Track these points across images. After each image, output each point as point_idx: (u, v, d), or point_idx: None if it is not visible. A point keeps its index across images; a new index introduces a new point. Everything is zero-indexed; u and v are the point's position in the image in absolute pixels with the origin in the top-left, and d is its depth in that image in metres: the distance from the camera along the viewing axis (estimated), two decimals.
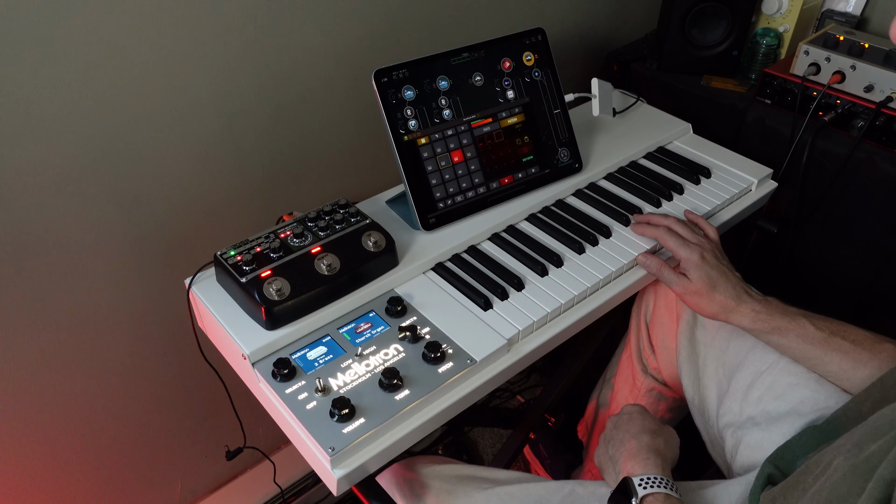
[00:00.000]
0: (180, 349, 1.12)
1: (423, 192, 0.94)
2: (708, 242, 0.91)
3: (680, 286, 0.88)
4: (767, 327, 0.83)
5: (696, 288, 0.86)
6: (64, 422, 1.05)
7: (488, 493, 0.84)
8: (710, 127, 1.26)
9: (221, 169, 1.01)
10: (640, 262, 0.93)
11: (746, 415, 0.87)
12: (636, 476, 0.72)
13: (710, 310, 0.86)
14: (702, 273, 0.86)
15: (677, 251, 0.89)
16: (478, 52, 0.97)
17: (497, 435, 1.62)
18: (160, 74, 0.88)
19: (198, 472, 1.32)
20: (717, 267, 0.87)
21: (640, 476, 0.72)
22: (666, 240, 0.91)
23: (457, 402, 0.77)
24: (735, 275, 0.88)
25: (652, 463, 0.74)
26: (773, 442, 0.81)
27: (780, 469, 0.72)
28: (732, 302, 0.84)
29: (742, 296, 0.85)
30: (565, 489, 0.83)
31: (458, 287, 0.89)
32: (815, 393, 0.82)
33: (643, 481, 0.71)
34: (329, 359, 0.78)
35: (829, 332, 0.81)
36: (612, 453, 0.79)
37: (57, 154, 0.84)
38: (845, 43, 1.21)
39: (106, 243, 0.95)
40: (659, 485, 0.70)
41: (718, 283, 0.85)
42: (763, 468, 0.74)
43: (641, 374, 1.12)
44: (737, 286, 0.86)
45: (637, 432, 0.78)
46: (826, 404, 0.80)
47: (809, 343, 0.81)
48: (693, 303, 0.87)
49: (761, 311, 0.83)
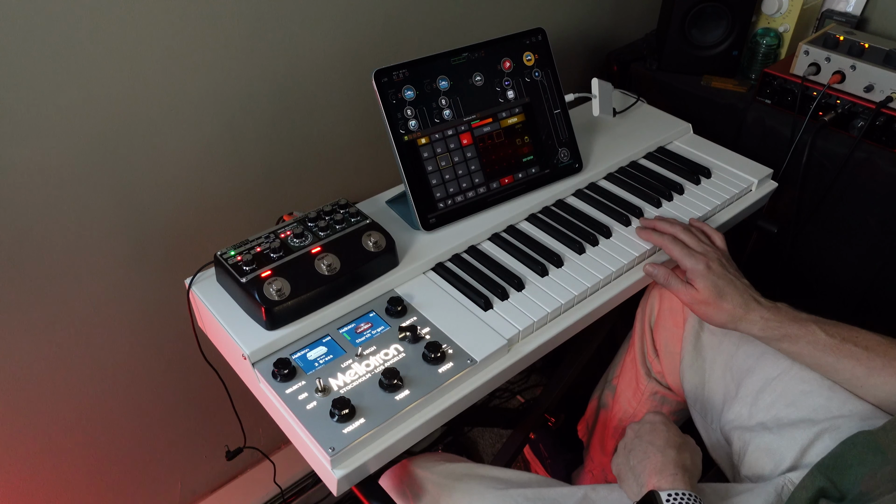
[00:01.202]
0: (180, 349, 1.12)
1: (423, 192, 0.94)
2: (714, 251, 0.90)
3: (688, 296, 0.87)
4: (777, 335, 0.82)
5: (704, 297, 0.85)
6: (64, 422, 1.05)
7: (502, 494, 0.83)
8: (710, 127, 1.26)
9: (221, 169, 1.01)
10: (647, 272, 0.93)
11: (756, 420, 0.86)
12: (664, 491, 0.71)
13: (718, 319, 0.85)
14: (708, 283, 0.85)
15: (683, 261, 0.88)
16: (478, 52, 0.97)
17: (497, 435, 1.62)
18: (160, 74, 0.88)
19: (198, 472, 1.32)
20: (724, 276, 0.86)
21: (669, 491, 0.71)
22: (671, 249, 0.90)
23: (457, 402, 0.77)
24: (743, 282, 0.87)
25: (680, 479, 0.73)
26: (784, 448, 0.81)
27: (832, 481, 0.70)
28: (741, 310, 0.84)
29: (750, 304, 0.84)
30: (578, 494, 0.82)
31: (458, 287, 0.88)
32: (829, 401, 0.81)
33: (670, 496, 0.70)
34: (329, 359, 0.78)
35: (841, 338, 0.80)
36: (634, 465, 0.78)
37: (57, 154, 0.84)
38: (845, 43, 1.21)
39: (106, 243, 0.95)
40: (687, 500, 0.70)
41: (726, 292, 0.84)
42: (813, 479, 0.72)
43: (645, 377, 1.12)
44: (744, 294, 0.85)
45: (662, 446, 0.77)
46: (840, 412, 0.79)
47: (821, 350, 0.80)
48: (701, 312, 0.87)
49: (771, 319, 0.83)
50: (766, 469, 0.83)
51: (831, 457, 0.73)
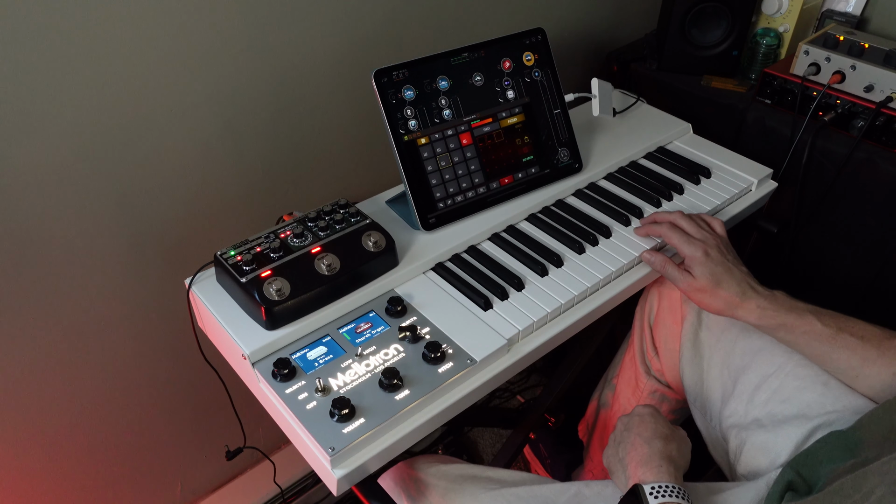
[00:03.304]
0: (180, 349, 1.12)
1: (423, 192, 0.94)
2: (713, 238, 0.89)
3: (684, 283, 0.87)
4: (773, 323, 0.82)
5: (701, 285, 0.85)
6: (64, 422, 1.05)
7: (494, 494, 0.84)
8: (710, 127, 1.26)
9: (221, 169, 1.01)
10: (644, 258, 0.93)
11: (752, 417, 0.87)
12: (647, 483, 0.70)
13: (715, 306, 0.85)
14: (705, 270, 0.85)
15: (681, 248, 0.88)
16: (478, 52, 0.97)
17: (497, 435, 1.62)
18: (160, 74, 0.88)
19: (198, 472, 1.32)
20: (722, 263, 0.86)
21: (652, 484, 0.70)
22: (670, 237, 0.90)
23: (457, 402, 0.77)
24: (741, 269, 0.86)
25: (664, 471, 0.72)
26: (779, 445, 0.81)
27: (802, 476, 0.70)
28: (737, 298, 0.84)
29: (747, 291, 0.84)
30: (571, 490, 0.82)
31: (458, 287, 0.88)
32: (822, 396, 0.81)
33: (654, 489, 0.69)
34: (329, 359, 0.78)
35: (837, 328, 0.80)
36: (623, 456, 0.78)
37: (57, 154, 0.84)
38: (845, 43, 1.21)
39: (106, 243, 0.95)
40: (671, 493, 0.69)
41: (723, 280, 0.84)
42: (783, 474, 0.72)
43: (644, 375, 1.12)
44: (742, 282, 0.84)
45: (649, 437, 0.77)
46: (833, 408, 0.80)
47: (816, 339, 0.80)
48: (698, 299, 0.87)
49: (767, 308, 0.82)
50: (762, 466, 0.83)
51: (804, 454, 0.73)
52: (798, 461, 0.73)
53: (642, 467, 0.73)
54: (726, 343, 0.94)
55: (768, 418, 0.84)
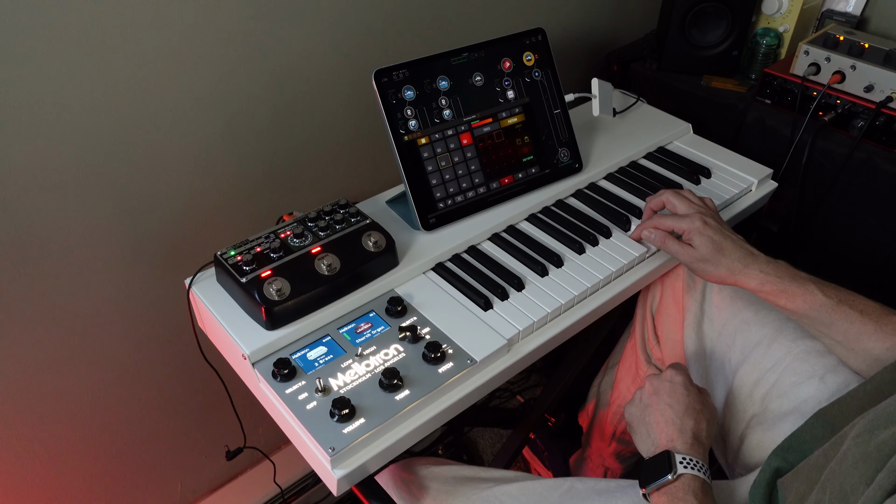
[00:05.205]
0: (180, 349, 1.12)
1: (423, 192, 0.94)
2: (706, 208, 0.89)
3: (686, 255, 0.86)
4: (775, 290, 0.82)
5: (702, 254, 0.84)
6: (64, 421, 1.05)
7: (487, 494, 0.84)
8: (710, 127, 1.26)
9: (221, 169, 1.01)
10: (644, 236, 0.92)
11: (750, 413, 0.87)
12: (679, 453, 0.72)
13: (717, 274, 0.84)
14: (705, 239, 0.84)
15: (678, 225, 0.87)
16: (478, 52, 0.97)
17: (497, 435, 1.62)
18: (160, 74, 0.88)
19: (198, 472, 1.32)
20: (720, 231, 0.85)
21: (683, 455, 0.72)
22: (665, 224, 0.90)
23: (457, 402, 0.77)
24: (739, 237, 0.86)
25: (696, 451, 0.73)
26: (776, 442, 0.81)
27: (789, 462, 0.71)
28: (739, 264, 0.83)
29: (748, 258, 0.83)
30: (564, 486, 0.83)
31: (458, 287, 0.88)
32: (819, 392, 0.82)
33: (685, 460, 0.71)
34: (329, 359, 0.78)
35: (838, 300, 0.79)
36: (650, 423, 0.78)
37: (57, 154, 0.84)
38: (845, 43, 1.21)
39: (106, 243, 0.95)
40: (699, 469, 0.71)
41: (724, 247, 0.84)
42: (770, 461, 0.73)
43: (645, 364, 1.12)
44: (742, 248, 0.84)
45: (682, 412, 0.77)
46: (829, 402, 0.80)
47: (816, 309, 0.80)
48: (701, 269, 0.86)
49: (770, 274, 0.82)
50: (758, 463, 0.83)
51: (788, 438, 0.74)
52: (784, 446, 0.74)
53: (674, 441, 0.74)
54: (727, 337, 0.94)
55: (765, 415, 0.85)
